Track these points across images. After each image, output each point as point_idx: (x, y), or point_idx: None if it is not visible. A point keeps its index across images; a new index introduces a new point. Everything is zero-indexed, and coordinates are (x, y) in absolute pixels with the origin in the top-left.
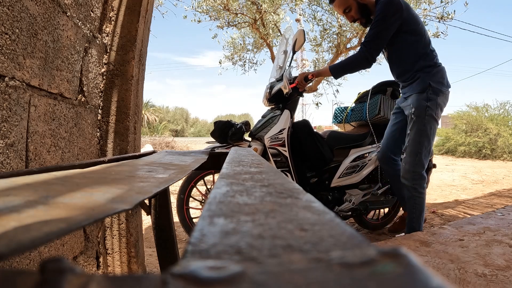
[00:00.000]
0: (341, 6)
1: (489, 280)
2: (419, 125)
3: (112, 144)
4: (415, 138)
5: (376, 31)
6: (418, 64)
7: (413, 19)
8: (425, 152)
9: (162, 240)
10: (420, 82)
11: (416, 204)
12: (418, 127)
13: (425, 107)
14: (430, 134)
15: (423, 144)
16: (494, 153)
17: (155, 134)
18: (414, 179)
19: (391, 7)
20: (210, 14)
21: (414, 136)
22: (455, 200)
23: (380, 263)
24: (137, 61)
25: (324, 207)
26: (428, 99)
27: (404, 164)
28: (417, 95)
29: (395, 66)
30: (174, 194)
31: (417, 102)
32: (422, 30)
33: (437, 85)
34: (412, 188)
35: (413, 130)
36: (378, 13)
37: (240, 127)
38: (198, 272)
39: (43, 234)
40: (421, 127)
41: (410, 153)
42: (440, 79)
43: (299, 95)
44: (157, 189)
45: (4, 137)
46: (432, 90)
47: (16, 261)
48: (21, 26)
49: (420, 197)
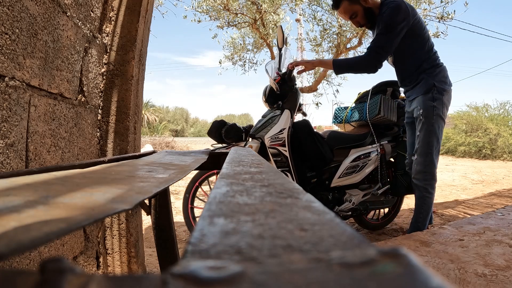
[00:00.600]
0: (347, 13)
1: (489, 280)
2: (427, 125)
3: (112, 144)
4: (424, 139)
5: (387, 38)
6: (422, 67)
7: (418, 24)
8: (435, 152)
9: (162, 240)
10: (424, 84)
11: (424, 205)
12: (427, 128)
13: (432, 107)
14: (439, 133)
15: (433, 144)
16: (494, 153)
17: (155, 134)
18: (425, 180)
19: (400, 13)
20: (210, 14)
21: (423, 137)
22: (455, 200)
23: (380, 263)
24: (137, 61)
25: (324, 207)
26: (434, 99)
27: (415, 165)
28: (423, 97)
29: (400, 70)
30: (174, 194)
31: (424, 104)
32: (426, 35)
33: (441, 84)
34: (423, 188)
35: (422, 131)
36: (387, 18)
37: (233, 125)
38: (198, 272)
39: (43, 234)
40: (429, 127)
41: (420, 153)
42: (443, 78)
43: (290, 89)
44: (157, 189)
45: (4, 137)
46: (436, 90)
47: (16, 261)
48: (21, 26)
49: (429, 198)
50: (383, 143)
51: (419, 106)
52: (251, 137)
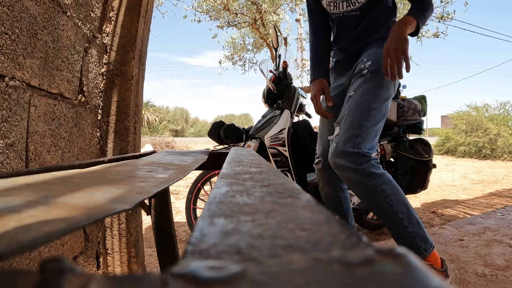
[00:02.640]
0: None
1: (489, 280)
2: (371, 83)
3: (112, 144)
4: (361, 101)
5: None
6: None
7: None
8: (373, 129)
9: (162, 240)
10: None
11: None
12: (369, 86)
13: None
14: (383, 104)
15: (371, 114)
16: (494, 153)
17: (155, 134)
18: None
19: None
20: (210, 14)
21: (360, 98)
22: (455, 200)
23: (380, 263)
24: (137, 61)
25: (324, 207)
26: None
27: (335, 144)
28: (378, 49)
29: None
30: (174, 194)
31: (377, 54)
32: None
33: None
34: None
35: (359, 90)
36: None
37: (231, 125)
38: (198, 272)
39: (43, 234)
40: (374, 87)
41: (350, 124)
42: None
43: (286, 88)
44: (157, 189)
45: (4, 137)
46: None
47: (16, 261)
48: (21, 26)
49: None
50: (383, 143)
51: (366, 58)
52: (250, 137)
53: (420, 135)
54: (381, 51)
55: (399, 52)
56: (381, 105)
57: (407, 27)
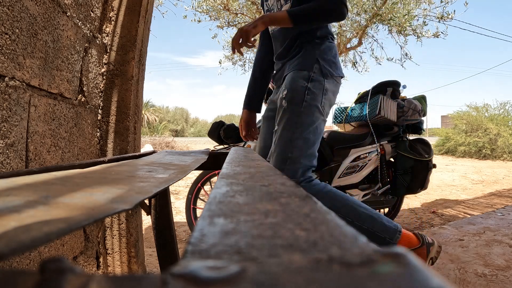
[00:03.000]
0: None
1: (489, 280)
2: (290, 113)
3: (112, 144)
4: (282, 135)
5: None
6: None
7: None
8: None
9: (162, 240)
10: (304, 55)
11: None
12: (288, 117)
13: (304, 89)
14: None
15: (294, 144)
16: (494, 153)
17: (155, 134)
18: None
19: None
20: (210, 14)
21: (281, 132)
22: (455, 200)
23: (380, 263)
24: (137, 61)
25: (324, 207)
26: (311, 79)
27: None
28: (295, 73)
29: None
30: (174, 194)
31: (293, 82)
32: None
33: (328, 64)
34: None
35: (281, 124)
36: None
37: (230, 125)
38: (198, 272)
39: (43, 234)
40: (293, 116)
41: (276, 159)
42: (332, 58)
43: None
44: (157, 189)
45: (4, 137)
46: (319, 68)
47: (16, 261)
48: (21, 26)
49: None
50: (383, 143)
51: (284, 86)
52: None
53: (420, 135)
54: (296, 74)
55: (243, 32)
56: (304, 132)
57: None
